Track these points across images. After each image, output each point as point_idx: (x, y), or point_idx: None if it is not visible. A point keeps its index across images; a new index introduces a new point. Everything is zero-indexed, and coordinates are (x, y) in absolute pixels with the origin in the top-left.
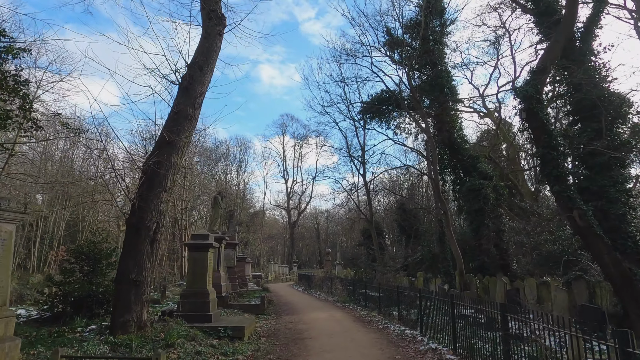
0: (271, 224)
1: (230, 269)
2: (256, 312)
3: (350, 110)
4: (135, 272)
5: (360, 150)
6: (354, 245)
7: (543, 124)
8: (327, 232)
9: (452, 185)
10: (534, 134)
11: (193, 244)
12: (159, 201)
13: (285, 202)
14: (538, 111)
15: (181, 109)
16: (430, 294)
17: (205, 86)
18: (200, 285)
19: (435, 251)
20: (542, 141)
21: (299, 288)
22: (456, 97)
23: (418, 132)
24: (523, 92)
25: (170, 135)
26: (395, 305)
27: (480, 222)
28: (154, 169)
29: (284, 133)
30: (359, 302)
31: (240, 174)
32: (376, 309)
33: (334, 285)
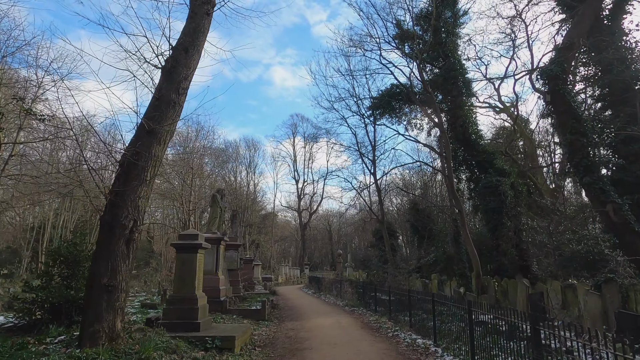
0: (283, 226)
1: (233, 271)
2: (256, 318)
3: (359, 107)
4: (108, 276)
5: (370, 147)
6: (366, 246)
7: (570, 107)
8: (339, 233)
9: (467, 183)
10: (559, 119)
11: (180, 244)
12: (137, 196)
13: (296, 203)
14: (565, 93)
15: (163, 95)
16: (445, 299)
17: (191, 70)
18: (188, 290)
19: (450, 252)
20: (570, 127)
21: (309, 291)
22: (470, 90)
23: (431, 127)
24: (548, 72)
25: (149, 124)
26: (407, 310)
27: (497, 221)
28: (131, 160)
29: (294, 133)
30: (368, 306)
31: (250, 175)
32: (386, 314)
33: (343, 288)
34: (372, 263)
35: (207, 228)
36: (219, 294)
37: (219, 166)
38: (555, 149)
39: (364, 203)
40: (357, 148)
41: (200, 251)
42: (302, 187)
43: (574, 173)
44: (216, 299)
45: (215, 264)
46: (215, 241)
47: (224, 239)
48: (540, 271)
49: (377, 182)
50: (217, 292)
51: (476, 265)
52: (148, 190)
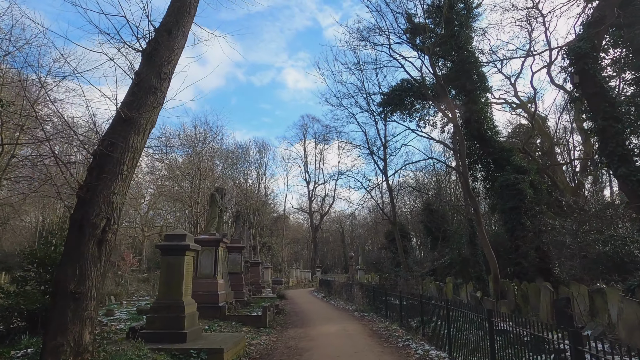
0: (295, 229)
1: (236, 274)
2: (257, 325)
3: (369, 103)
4: (75, 282)
5: (379, 145)
6: (379, 248)
7: (602, 89)
8: (352, 235)
9: (483, 181)
10: (589, 102)
11: (166, 246)
12: (111, 192)
13: (308, 205)
14: (595, 73)
15: (143, 80)
16: (461, 306)
17: (174, 53)
18: (173, 297)
19: (465, 254)
20: (602, 112)
21: (319, 295)
22: (485, 84)
23: (444, 124)
24: (575, 50)
25: (126, 112)
26: (419, 316)
27: (516, 221)
28: (105, 152)
29: (304, 134)
30: (379, 312)
31: (261, 176)
32: (398, 320)
33: (353, 292)
34: (384, 266)
35: (205, 229)
36: (217, 299)
37: (229, 168)
38: (575, 146)
39: (375, 204)
40: (368, 146)
41: (188, 253)
42: (313, 189)
43: (607, 164)
44: (214, 304)
45: (213, 267)
46: (213, 243)
47: (223, 241)
48: (563, 274)
49: (388, 181)
50: (215, 297)
51: (494, 268)
52: (124, 185)
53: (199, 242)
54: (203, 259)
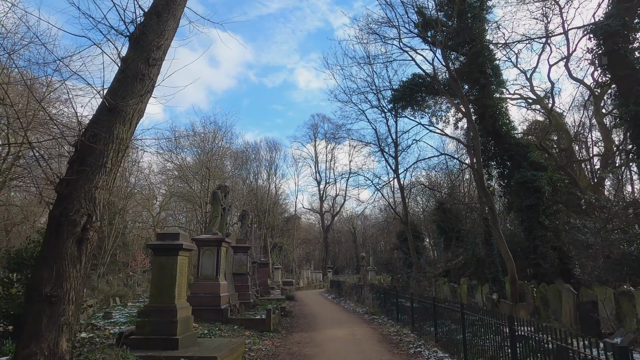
0: (307, 229)
1: (242, 276)
2: (260, 329)
3: (379, 100)
4: (52, 284)
5: (391, 142)
6: (391, 249)
7: (634, 71)
8: (364, 235)
9: (499, 179)
10: (619, 86)
11: (157, 245)
12: (93, 186)
13: (319, 205)
14: (626, 53)
15: (130, 67)
16: (477, 311)
17: (164, 38)
18: (165, 300)
19: (480, 255)
20: (633, 96)
21: (329, 296)
22: (500, 77)
23: (457, 120)
24: (604, 28)
25: (110, 101)
26: (432, 319)
27: (533, 219)
28: (87, 143)
29: (315, 134)
30: (390, 314)
31: (272, 177)
32: (409, 323)
33: (364, 294)
34: (395, 266)
35: (207, 228)
36: (219, 301)
37: (239, 167)
38: (595, 141)
39: (386, 203)
40: (378, 144)
41: (182, 253)
42: (324, 189)
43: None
44: (216, 307)
45: (215, 268)
46: (215, 242)
47: (226, 240)
48: (585, 275)
49: (399, 179)
50: (217, 299)
51: (511, 269)
52: (108, 180)
53: (200, 242)
54: (205, 259)
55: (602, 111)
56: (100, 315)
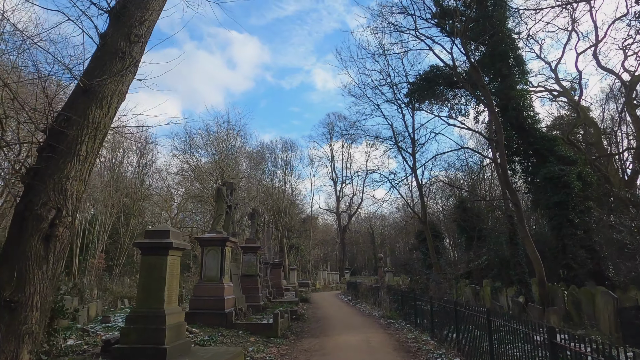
0: (324, 230)
1: (250, 277)
2: (267, 335)
3: (395, 94)
4: (12, 288)
5: (406, 136)
6: (409, 249)
7: None
8: (382, 236)
9: (523, 175)
10: None
11: (145, 244)
12: (64, 176)
13: (335, 205)
14: None
15: (109, 44)
16: (508, 318)
17: (148, 12)
18: (153, 305)
19: (504, 255)
20: None
21: (345, 298)
22: (523, 67)
23: (478, 113)
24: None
25: (85, 81)
26: (453, 324)
27: (562, 217)
28: (58, 128)
29: (331, 133)
30: (408, 318)
31: (287, 177)
32: (429, 328)
33: (380, 296)
34: (414, 267)
35: (211, 226)
36: (223, 305)
37: (254, 167)
38: (628, 134)
39: (404, 202)
40: (394, 140)
41: (172, 253)
42: (341, 188)
43: None
44: (219, 311)
45: (219, 269)
46: (219, 242)
47: (230, 240)
48: (620, 277)
49: (417, 176)
50: (220, 303)
51: (539, 270)
52: (83, 170)
53: (203, 242)
54: (208, 260)
55: (634, 102)
56: (101, 319)
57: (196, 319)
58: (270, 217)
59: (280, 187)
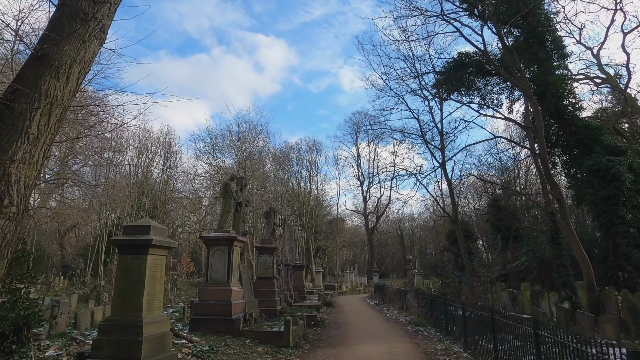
0: (352, 232)
1: (266, 280)
2: (277, 344)
3: (421, 87)
4: None
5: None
6: (440, 251)
7: None
8: (412, 238)
9: (565, 168)
10: None
11: (122, 242)
12: (7, 159)
13: (362, 206)
14: None
15: (68, 4)
16: (564, 335)
17: None
18: (130, 312)
19: (545, 256)
20: None
21: (372, 302)
22: (562, 50)
23: (512, 102)
24: None
25: (37, 47)
26: (490, 332)
27: (612, 214)
28: (2, 101)
29: (356, 132)
30: (438, 325)
31: (313, 177)
32: (461, 338)
33: (408, 301)
34: (444, 270)
35: (218, 224)
36: (229, 310)
37: (278, 167)
38: None
39: (433, 201)
40: (421, 135)
41: (153, 252)
42: (368, 189)
43: None
44: (226, 317)
45: (226, 271)
46: (225, 241)
47: (238, 239)
48: None
49: (446, 171)
50: (227, 308)
51: (587, 272)
52: (34, 152)
53: (208, 241)
54: (214, 261)
55: None
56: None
57: (200, 325)
58: (297, 219)
59: (306, 188)
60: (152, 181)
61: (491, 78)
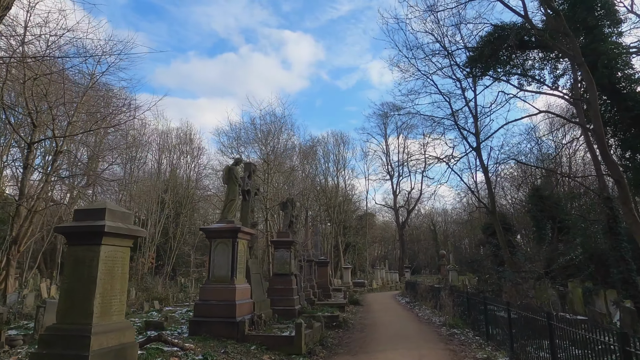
0: (383, 227)
1: (283, 277)
2: (287, 351)
3: (452, 65)
4: None
5: (469, 114)
6: (476, 245)
7: None
8: (445, 233)
9: (619, 148)
10: None
11: (69, 229)
12: None
13: (392, 200)
14: None
15: None
16: None
17: None
18: (77, 319)
19: (598, 248)
20: None
21: (402, 300)
22: (614, 15)
23: (556, 77)
24: None
25: None
26: (543, 337)
27: None
28: None
29: (385, 124)
30: (477, 327)
31: (340, 171)
32: (506, 342)
33: (442, 299)
34: (482, 265)
35: (221, 214)
36: (233, 311)
37: (304, 159)
38: None
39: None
40: (453, 118)
41: (109, 241)
42: (398, 182)
43: None
44: (229, 319)
45: (230, 267)
46: (229, 233)
47: (243, 230)
48: None
49: (481, 158)
50: (230, 309)
51: None
52: None
53: (210, 233)
54: (217, 256)
55: None
56: None
57: (201, 329)
58: (324, 214)
59: (334, 183)
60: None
61: (531, 52)
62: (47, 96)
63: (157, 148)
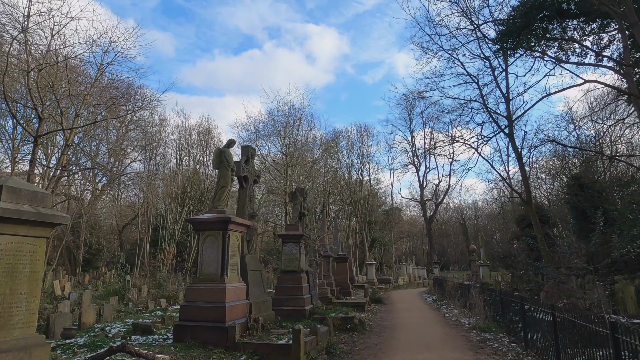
0: (410, 222)
1: (292, 274)
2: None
3: (478, 37)
4: None
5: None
6: (509, 239)
7: None
8: (475, 227)
9: None
10: None
11: None
12: None
13: (419, 194)
14: None
15: None
16: None
17: None
18: None
19: None
20: None
21: (429, 298)
22: None
23: (601, 49)
24: None
25: None
26: (597, 346)
27: None
28: None
29: (409, 115)
30: (513, 331)
31: (365, 164)
32: (550, 352)
33: (471, 298)
34: (516, 260)
35: (211, 202)
36: (222, 315)
37: (325, 152)
38: None
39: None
40: (482, 101)
41: (5, 229)
42: (424, 175)
43: None
44: (217, 323)
45: (220, 263)
46: (219, 224)
47: (235, 221)
48: None
49: (515, 144)
50: (219, 311)
51: None
52: None
53: (197, 225)
54: (205, 250)
55: None
56: (98, 327)
57: (186, 334)
58: (349, 209)
59: (358, 177)
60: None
61: (571, 21)
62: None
63: (177, 144)
